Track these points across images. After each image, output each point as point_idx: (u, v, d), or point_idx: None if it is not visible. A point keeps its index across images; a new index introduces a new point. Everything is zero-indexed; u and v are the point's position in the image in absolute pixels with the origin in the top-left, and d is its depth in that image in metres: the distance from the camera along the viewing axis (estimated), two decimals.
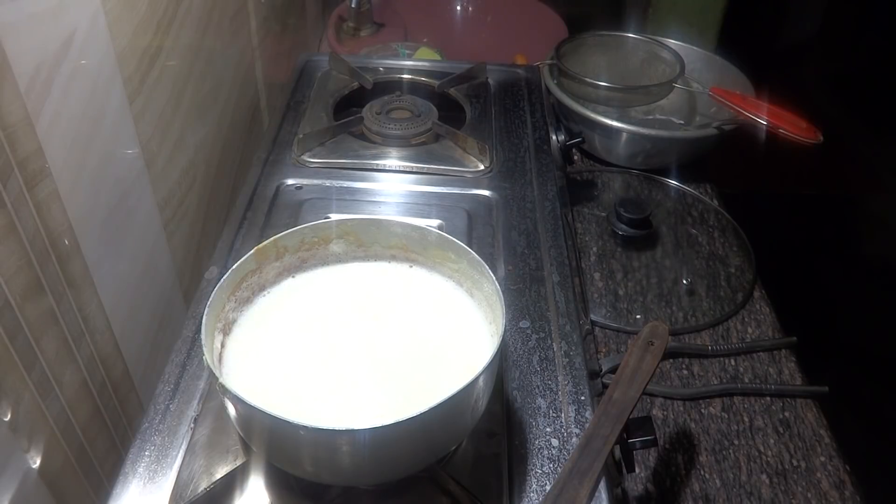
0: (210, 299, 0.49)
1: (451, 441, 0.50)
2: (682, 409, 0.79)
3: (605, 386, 0.58)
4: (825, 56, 2.32)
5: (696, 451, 0.75)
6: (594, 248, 0.97)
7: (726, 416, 0.78)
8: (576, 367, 0.60)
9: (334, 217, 0.68)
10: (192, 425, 0.54)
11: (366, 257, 0.59)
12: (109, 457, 0.65)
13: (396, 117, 0.85)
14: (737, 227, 1.02)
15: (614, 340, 0.85)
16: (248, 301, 0.55)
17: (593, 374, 0.62)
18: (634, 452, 0.55)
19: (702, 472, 0.73)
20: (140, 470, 0.51)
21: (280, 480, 0.50)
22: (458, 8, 1.49)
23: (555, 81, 1.11)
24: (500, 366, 0.58)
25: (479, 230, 0.73)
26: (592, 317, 0.86)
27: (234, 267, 0.52)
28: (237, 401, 0.43)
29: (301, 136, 0.82)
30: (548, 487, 0.51)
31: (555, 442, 0.54)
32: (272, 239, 0.55)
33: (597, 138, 1.09)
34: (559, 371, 0.59)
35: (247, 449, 0.51)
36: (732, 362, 0.84)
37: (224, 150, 0.90)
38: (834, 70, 2.31)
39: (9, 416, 0.50)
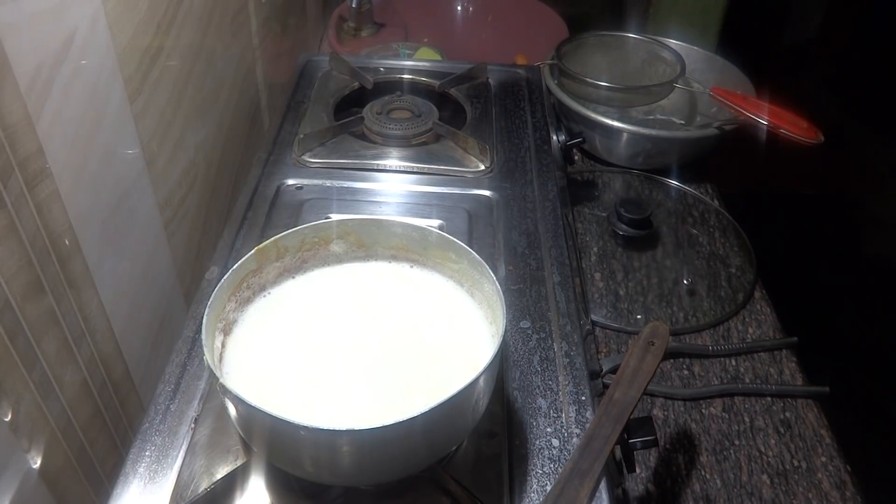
0: (210, 299, 0.49)
1: (451, 441, 0.50)
2: (682, 409, 0.79)
3: (605, 386, 0.58)
4: (826, 56, 2.31)
5: (697, 451, 0.75)
6: (595, 249, 0.97)
7: (727, 416, 0.78)
8: (576, 367, 0.60)
9: (335, 217, 0.68)
10: (193, 425, 0.54)
11: (366, 257, 0.59)
12: (110, 457, 0.65)
13: (397, 117, 0.85)
14: (737, 227, 1.02)
15: (615, 341, 0.85)
16: (248, 301, 0.55)
17: (594, 375, 0.62)
18: (635, 453, 0.55)
19: (702, 473, 0.73)
20: (140, 470, 0.51)
21: (280, 481, 0.50)
22: (459, 8, 1.49)
23: (555, 81, 1.11)
24: (501, 366, 0.58)
25: (479, 230, 0.73)
26: (593, 317, 0.86)
27: (234, 267, 0.52)
28: (237, 401, 0.43)
29: (302, 136, 0.82)
30: (548, 488, 0.51)
31: (555, 442, 0.54)
32: (273, 239, 0.55)
33: (597, 138, 1.09)
34: (560, 371, 0.59)
35: (247, 449, 0.51)
36: (733, 362, 0.84)
37: (225, 150, 0.90)
38: (834, 70, 2.31)
39: (9, 417, 0.50)
